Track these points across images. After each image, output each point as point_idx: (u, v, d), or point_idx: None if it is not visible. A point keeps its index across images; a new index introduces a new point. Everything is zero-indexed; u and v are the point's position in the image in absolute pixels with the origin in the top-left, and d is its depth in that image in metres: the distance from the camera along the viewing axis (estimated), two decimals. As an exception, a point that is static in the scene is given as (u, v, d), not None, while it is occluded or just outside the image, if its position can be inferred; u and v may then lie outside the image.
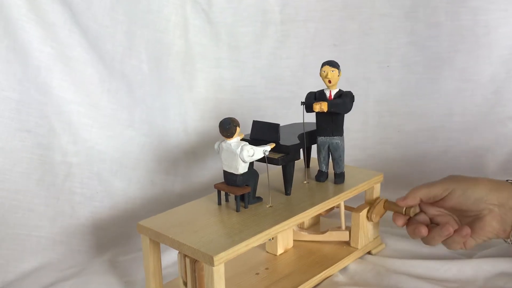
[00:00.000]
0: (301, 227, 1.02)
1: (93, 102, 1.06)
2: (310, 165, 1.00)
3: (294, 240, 0.96)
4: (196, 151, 1.24)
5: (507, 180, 0.80)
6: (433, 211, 0.84)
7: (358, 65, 1.30)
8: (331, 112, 0.87)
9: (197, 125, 1.25)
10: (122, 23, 1.10)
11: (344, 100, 0.86)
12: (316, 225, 1.06)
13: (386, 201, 0.92)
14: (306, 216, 0.81)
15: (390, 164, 1.31)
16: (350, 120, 1.30)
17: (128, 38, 1.12)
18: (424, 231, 0.79)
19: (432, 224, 0.84)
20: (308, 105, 0.88)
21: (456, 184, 0.79)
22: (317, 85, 0.91)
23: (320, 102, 0.85)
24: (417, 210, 0.85)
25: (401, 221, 0.84)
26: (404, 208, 0.84)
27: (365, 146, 1.34)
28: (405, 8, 1.27)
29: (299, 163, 0.98)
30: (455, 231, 0.78)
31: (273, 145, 0.82)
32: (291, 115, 1.20)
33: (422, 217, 0.84)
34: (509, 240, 0.79)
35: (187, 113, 1.24)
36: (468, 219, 0.80)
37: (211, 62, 1.27)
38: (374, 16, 1.28)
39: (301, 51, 1.29)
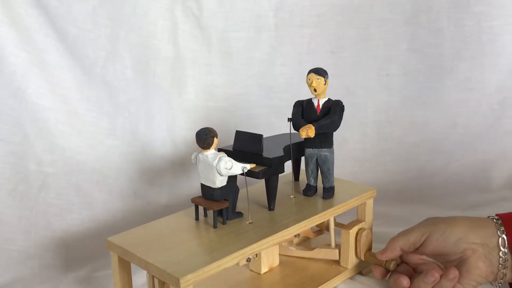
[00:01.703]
0: (290, 241, 0.98)
1: (72, 109, 1.04)
2: (300, 178, 0.97)
3: (280, 255, 0.92)
4: (184, 162, 1.20)
5: (488, 217, 0.76)
6: (415, 259, 0.79)
7: (356, 73, 1.27)
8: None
9: (185, 134, 1.21)
10: (105, 27, 1.08)
11: (332, 119, 0.83)
12: (306, 241, 1.02)
13: (367, 252, 0.88)
14: (288, 234, 0.77)
15: (390, 177, 1.28)
16: (347, 131, 1.29)
17: (112, 43, 1.09)
18: (405, 282, 0.75)
19: (416, 273, 0.79)
20: (295, 123, 0.85)
21: (433, 226, 0.75)
22: (312, 96, 0.87)
23: (307, 126, 0.81)
24: (398, 262, 0.81)
25: (380, 273, 0.81)
26: (384, 261, 0.81)
27: (363, 158, 1.30)
28: (405, 13, 1.23)
29: (288, 176, 0.94)
30: (441, 276, 0.73)
31: (253, 165, 0.79)
32: (286, 124, 1.16)
33: (403, 268, 0.80)
34: (496, 283, 0.74)
35: (175, 122, 1.21)
36: (452, 263, 0.75)
37: (201, 69, 1.24)
38: (373, 21, 1.25)
39: (296, 58, 1.26)
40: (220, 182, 0.76)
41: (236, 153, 0.84)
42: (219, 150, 0.86)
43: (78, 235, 1.02)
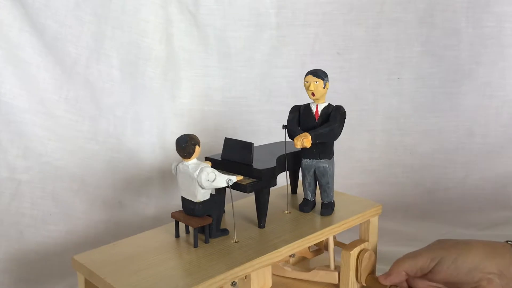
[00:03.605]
0: (286, 261, 0.91)
1: (49, 111, 0.99)
2: (298, 191, 0.91)
3: (274, 275, 0.86)
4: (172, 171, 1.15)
5: (507, 241, 0.69)
6: (423, 285, 0.73)
7: (365, 76, 1.23)
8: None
9: (178, 140, 1.15)
10: (90, 23, 1.03)
11: (331, 128, 0.76)
12: (304, 260, 0.95)
13: (369, 275, 0.81)
14: (278, 256, 0.71)
15: (400, 191, 1.24)
16: (354, 139, 1.25)
17: (96, 40, 1.04)
18: None
19: None
20: (290, 131, 0.79)
21: (444, 252, 0.69)
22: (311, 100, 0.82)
23: (302, 135, 0.75)
24: (405, 287, 0.75)
25: None
26: (388, 286, 0.74)
27: (371, 169, 1.26)
28: (419, 12, 1.19)
29: (284, 188, 0.88)
30: None
31: (240, 177, 0.73)
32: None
33: None
34: None
35: (166, 126, 1.16)
36: None
37: (197, 70, 1.19)
38: (383, 21, 1.20)
39: (299, 60, 1.21)
40: (202, 195, 0.70)
41: (224, 163, 0.78)
42: (207, 159, 0.80)
43: (55, 249, 0.97)
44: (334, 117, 0.77)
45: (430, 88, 1.22)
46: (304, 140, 0.74)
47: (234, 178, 0.71)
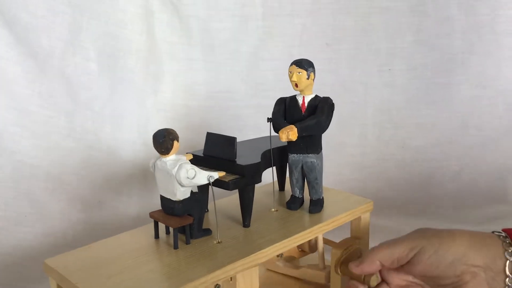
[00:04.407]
0: (278, 255, 0.88)
1: (22, 107, 0.96)
2: (286, 188, 0.88)
3: (267, 270, 0.86)
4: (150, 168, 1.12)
5: (493, 232, 0.63)
6: (397, 280, 0.66)
7: (355, 67, 1.22)
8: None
9: (161, 136, 1.12)
10: (64, 13, 1.00)
11: (318, 119, 0.73)
12: (293, 260, 0.92)
13: (342, 265, 0.76)
14: (264, 257, 0.68)
15: (392, 186, 1.22)
16: (345, 133, 1.23)
17: (72, 32, 1.01)
18: None
19: None
20: (275, 124, 0.76)
21: (425, 241, 0.62)
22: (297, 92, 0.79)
23: (288, 128, 0.72)
24: (380, 279, 0.69)
25: None
26: (363, 276, 0.68)
27: (363, 164, 1.24)
28: (410, 0, 1.17)
29: (271, 185, 0.85)
30: None
31: (223, 173, 0.70)
32: None
33: None
34: None
35: (148, 122, 1.13)
36: None
37: (181, 63, 1.17)
38: (374, 9, 1.19)
39: (286, 51, 1.19)
40: (181, 193, 0.66)
41: (206, 159, 0.75)
42: (187, 153, 0.77)
43: (31, 252, 0.94)
44: (322, 108, 0.74)
45: (423, 79, 1.20)
46: (290, 133, 0.71)
47: (216, 175, 0.67)
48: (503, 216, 1.10)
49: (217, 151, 0.75)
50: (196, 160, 0.74)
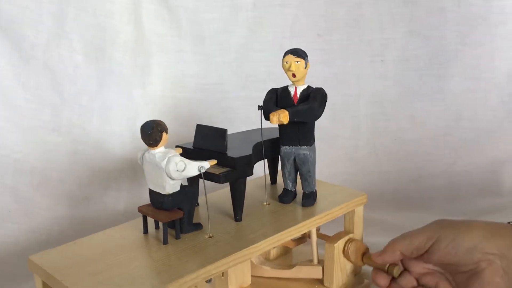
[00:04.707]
0: (266, 257, 0.87)
1: (6, 100, 0.94)
2: (277, 181, 0.87)
3: (253, 276, 0.82)
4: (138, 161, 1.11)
5: (509, 223, 0.67)
6: (418, 268, 0.70)
7: (347, 59, 1.20)
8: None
9: (150, 129, 1.10)
10: (50, 3, 0.98)
11: (311, 105, 0.72)
12: (285, 255, 0.92)
13: (365, 254, 0.78)
14: (257, 251, 0.67)
15: (385, 179, 1.22)
16: (337, 126, 1.22)
17: (57, 23, 0.99)
18: None
19: (419, 287, 0.70)
20: (266, 110, 0.74)
21: (442, 230, 0.66)
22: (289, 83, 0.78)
23: (279, 111, 0.71)
24: (402, 268, 0.72)
25: (383, 281, 0.71)
26: (387, 265, 0.71)
27: (355, 157, 1.23)
28: None
29: (263, 178, 0.83)
30: None
31: (214, 161, 0.69)
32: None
33: (407, 279, 0.70)
34: None
35: (137, 115, 1.11)
36: (464, 276, 0.65)
37: (170, 55, 1.15)
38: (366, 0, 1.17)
39: (277, 42, 1.17)
40: (171, 187, 0.65)
41: (196, 151, 0.74)
42: (177, 147, 0.75)
43: (15, 248, 0.92)
44: (314, 97, 0.73)
45: (416, 70, 1.20)
46: (281, 115, 0.70)
47: (207, 164, 0.66)
48: (496, 209, 1.09)
49: (207, 144, 0.73)
50: (186, 153, 0.72)
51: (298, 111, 0.71)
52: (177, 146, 0.75)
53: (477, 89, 1.19)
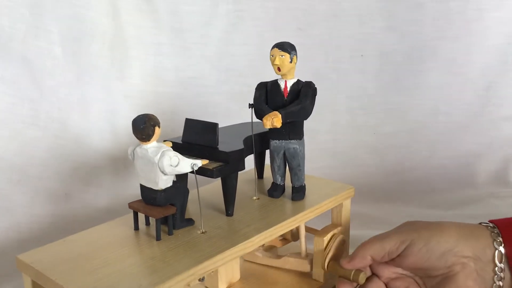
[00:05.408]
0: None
1: None
2: (264, 176, 0.87)
3: (245, 261, 0.83)
4: (128, 156, 1.08)
5: (480, 223, 0.65)
6: (388, 273, 0.67)
7: (327, 53, 1.20)
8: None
9: (129, 124, 1.07)
10: None
11: (303, 106, 0.72)
12: (272, 249, 0.91)
13: (330, 262, 0.76)
14: (251, 246, 0.67)
15: (364, 172, 1.23)
16: (317, 120, 1.22)
17: (34, 14, 0.95)
18: None
19: None
20: (257, 110, 0.74)
21: (415, 233, 0.63)
22: (278, 76, 0.77)
23: (272, 114, 0.70)
24: (368, 273, 0.69)
25: None
26: (352, 272, 0.68)
27: (335, 150, 1.24)
28: None
29: (250, 173, 0.84)
30: None
31: (206, 161, 0.68)
32: (247, 112, 1.06)
33: (375, 285, 0.68)
34: None
35: (116, 109, 1.08)
36: (435, 280, 0.64)
37: (149, 48, 1.12)
38: None
39: (258, 36, 1.16)
40: (164, 182, 0.64)
41: (186, 146, 0.73)
42: (165, 141, 0.74)
43: None
44: (305, 93, 0.73)
45: (394, 65, 1.20)
46: (274, 120, 0.70)
47: (199, 162, 0.65)
48: (472, 201, 1.12)
49: (197, 138, 0.72)
50: (175, 147, 0.71)
51: (291, 113, 0.71)
52: (165, 141, 0.74)
53: (453, 84, 1.21)
